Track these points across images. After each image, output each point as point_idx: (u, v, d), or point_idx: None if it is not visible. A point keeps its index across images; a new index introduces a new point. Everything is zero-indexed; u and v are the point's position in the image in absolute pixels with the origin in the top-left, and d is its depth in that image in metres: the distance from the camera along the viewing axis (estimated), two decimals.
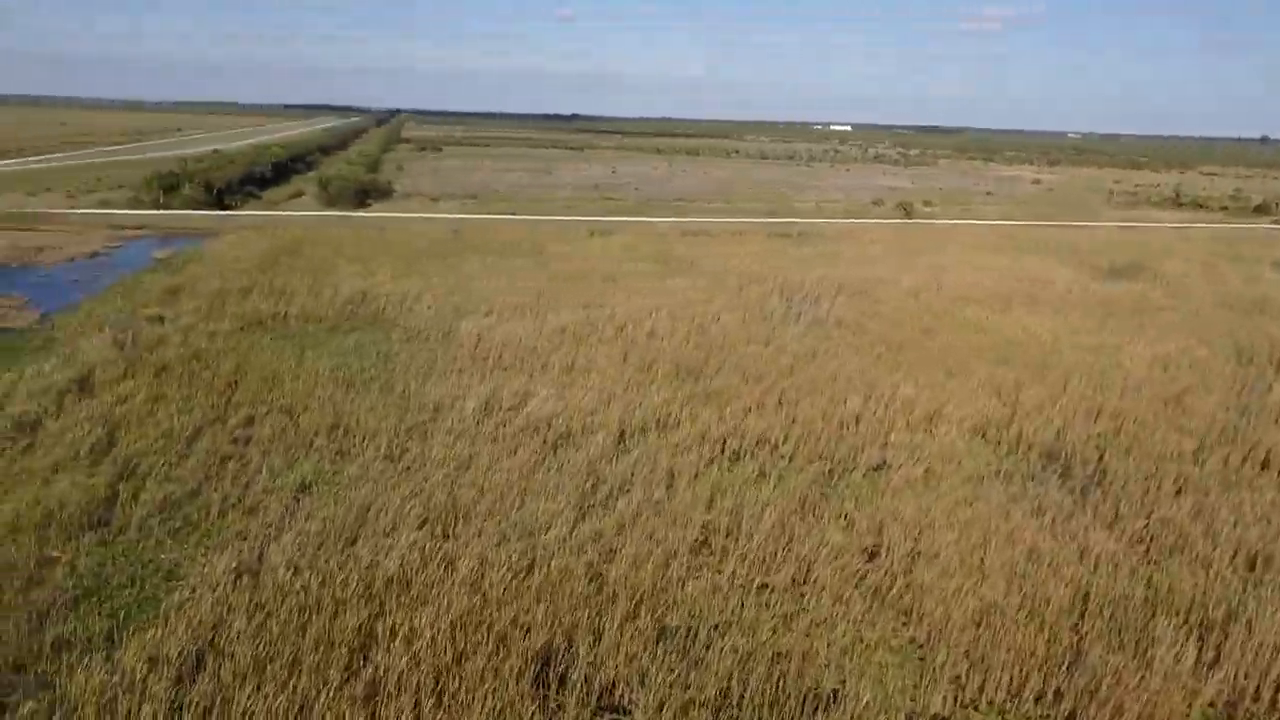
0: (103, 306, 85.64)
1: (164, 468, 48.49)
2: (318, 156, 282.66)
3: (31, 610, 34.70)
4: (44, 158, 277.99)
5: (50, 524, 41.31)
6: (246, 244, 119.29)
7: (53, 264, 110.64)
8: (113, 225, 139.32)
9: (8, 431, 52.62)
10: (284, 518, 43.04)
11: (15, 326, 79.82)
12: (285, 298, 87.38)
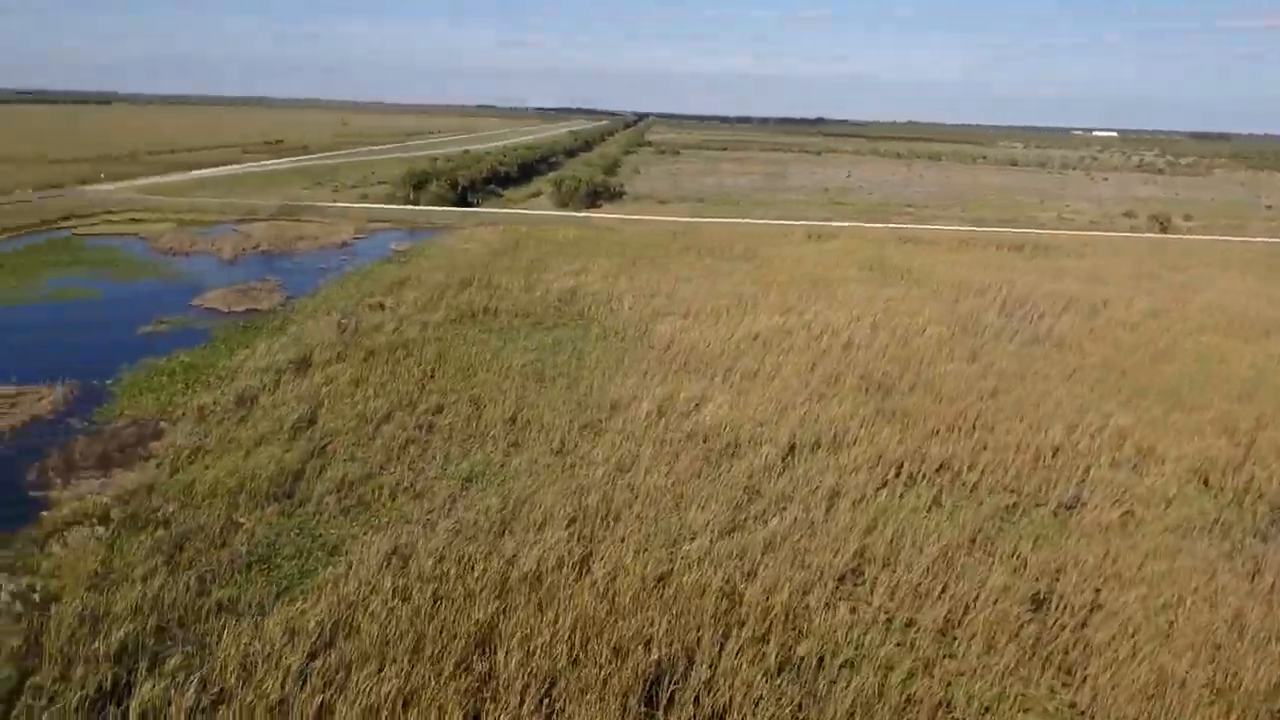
0: (338, 293, 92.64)
1: (351, 447, 51.40)
2: (562, 158, 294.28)
3: (209, 571, 37.49)
4: (324, 155, 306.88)
5: (243, 492, 44.54)
6: (476, 240, 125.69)
7: (307, 252, 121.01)
8: (366, 218, 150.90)
9: (229, 404, 57.57)
10: (447, 505, 44.40)
11: (263, 308, 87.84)
12: (499, 292, 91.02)
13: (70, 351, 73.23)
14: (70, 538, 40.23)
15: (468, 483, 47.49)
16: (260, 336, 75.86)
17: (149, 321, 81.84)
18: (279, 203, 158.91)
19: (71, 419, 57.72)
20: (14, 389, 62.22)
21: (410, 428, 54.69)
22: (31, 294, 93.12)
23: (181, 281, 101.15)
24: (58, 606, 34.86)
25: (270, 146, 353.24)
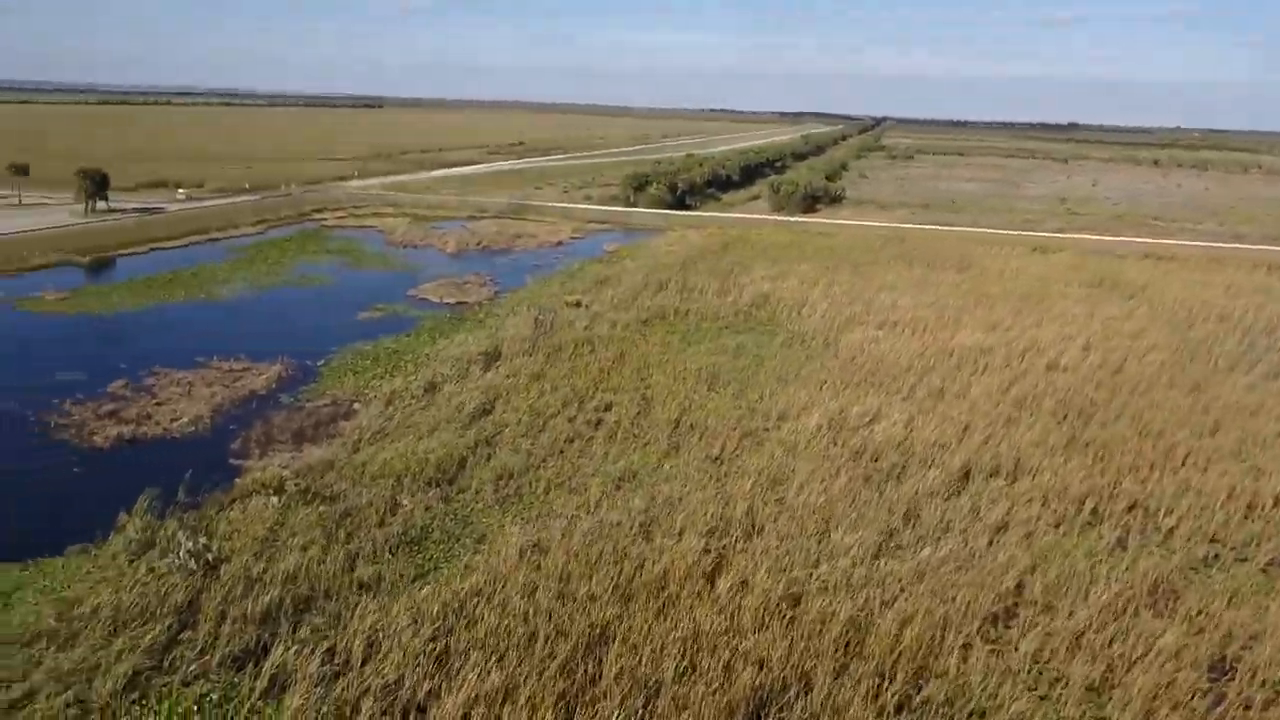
0: (542, 289, 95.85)
1: (518, 439, 52.85)
2: (789, 162, 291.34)
3: (361, 547, 39.57)
4: (562, 157, 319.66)
5: (410, 474, 46.75)
6: (683, 242, 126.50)
7: (524, 249, 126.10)
8: (583, 219, 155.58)
9: (417, 390, 60.71)
10: (596, 503, 44.71)
11: (471, 301, 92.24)
12: (693, 294, 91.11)
13: (295, 332, 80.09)
14: (250, 505, 43.78)
15: (621, 482, 47.68)
16: (461, 328, 79.82)
17: (368, 308, 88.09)
18: (507, 201, 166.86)
19: (282, 395, 63.02)
20: (242, 365, 68.72)
21: (578, 423, 55.69)
22: (280, 278, 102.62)
23: (405, 272, 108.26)
24: (225, 567, 37.96)
25: (514, 148, 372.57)
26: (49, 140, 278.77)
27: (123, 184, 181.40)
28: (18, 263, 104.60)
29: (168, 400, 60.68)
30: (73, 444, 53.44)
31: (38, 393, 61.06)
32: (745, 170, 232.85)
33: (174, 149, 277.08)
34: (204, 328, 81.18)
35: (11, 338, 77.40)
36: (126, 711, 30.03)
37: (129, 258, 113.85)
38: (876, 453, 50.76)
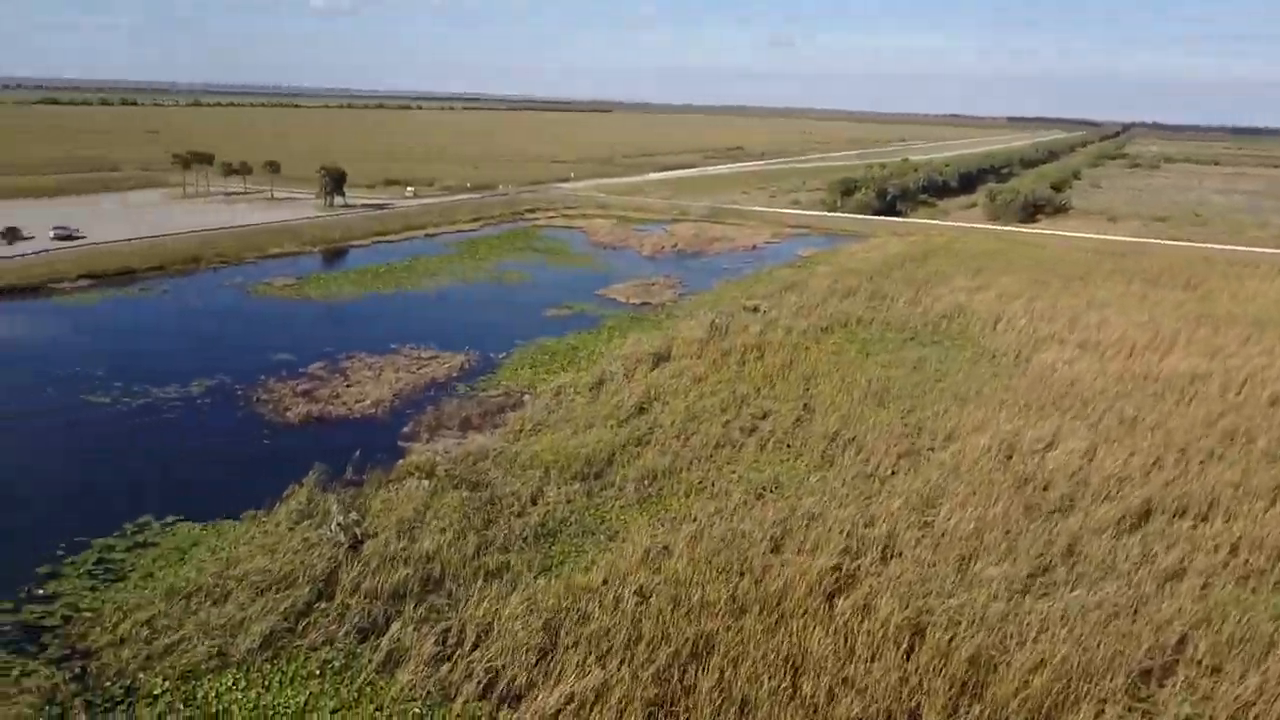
0: (725, 293, 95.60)
1: (670, 440, 52.92)
2: (1017, 169, 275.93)
3: (500, 535, 40.84)
4: (776, 161, 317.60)
5: (558, 467, 47.86)
6: (881, 249, 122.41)
7: (718, 253, 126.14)
8: (783, 223, 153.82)
9: (584, 386, 62.06)
10: (734, 510, 44.06)
11: (655, 302, 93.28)
12: (881, 303, 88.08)
13: (487, 325, 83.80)
14: (404, 486, 46.15)
15: (763, 491, 46.70)
16: (639, 328, 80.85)
17: (558, 305, 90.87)
18: (709, 205, 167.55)
19: (460, 384, 66.09)
20: (431, 353, 72.63)
21: (732, 429, 55.01)
22: (483, 274, 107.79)
23: (599, 272, 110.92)
24: (370, 543, 40.18)
25: (729, 152, 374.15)
26: (299, 140, 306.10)
27: (363, 181, 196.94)
28: (256, 251, 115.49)
29: (357, 383, 65.08)
30: (268, 418, 58.33)
31: (251, 370, 67.13)
32: (965, 177, 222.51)
33: (417, 149, 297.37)
34: (404, 317, 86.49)
35: (241, 319, 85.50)
36: (258, 668, 32.37)
37: (354, 249, 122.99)
38: (1046, 481, 47.09)
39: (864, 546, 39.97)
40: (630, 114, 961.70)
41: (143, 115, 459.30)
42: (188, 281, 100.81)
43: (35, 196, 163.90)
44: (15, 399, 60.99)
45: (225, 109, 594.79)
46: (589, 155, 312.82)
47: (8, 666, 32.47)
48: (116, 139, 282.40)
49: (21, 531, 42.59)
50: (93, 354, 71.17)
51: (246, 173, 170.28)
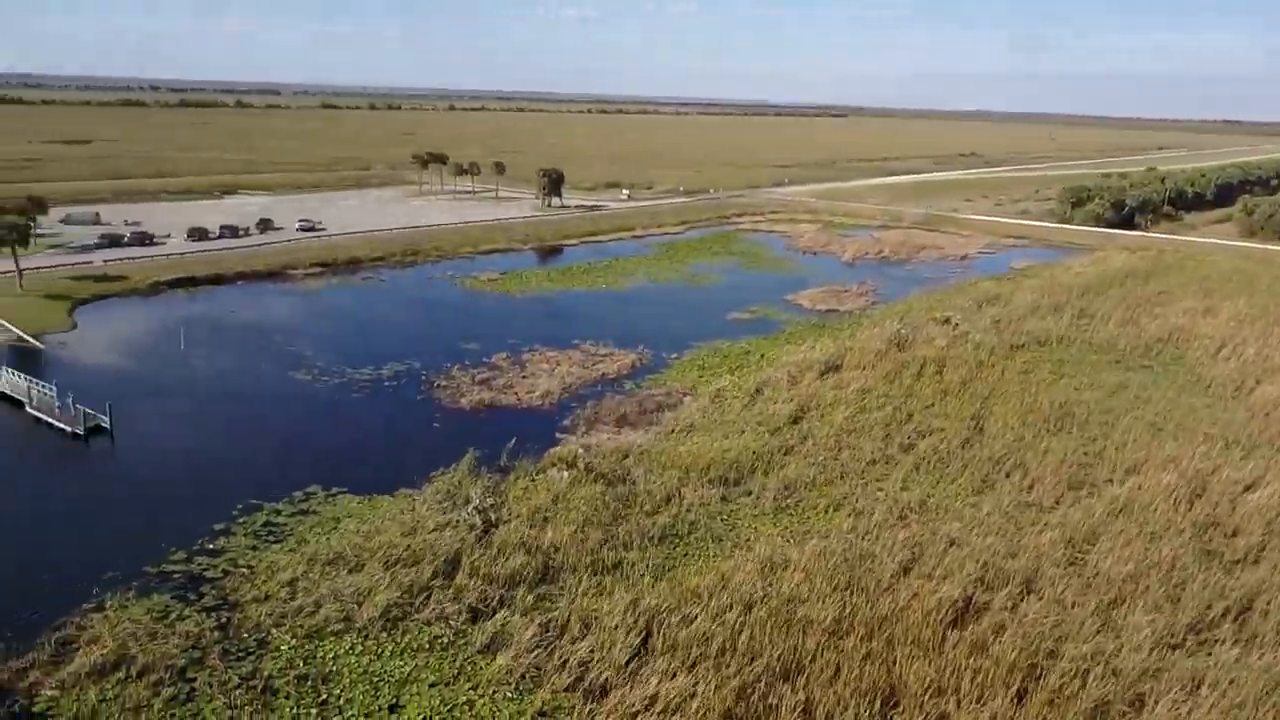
0: (919, 303, 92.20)
1: (818, 452, 51.85)
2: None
3: (626, 532, 41.45)
4: (1016, 167, 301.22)
5: (699, 470, 48.06)
6: (1101, 264, 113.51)
7: (924, 262, 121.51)
8: (1000, 233, 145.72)
9: (745, 391, 61.94)
10: (868, 530, 42.58)
11: (842, 309, 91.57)
12: (1088, 322, 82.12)
13: (667, 325, 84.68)
14: (546, 476, 47.51)
15: (907, 512, 44.53)
16: (818, 335, 79.15)
17: (741, 309, 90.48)
18: (925, 211, 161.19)
19: (628, 381, 67.20)
20: (606, 350, 74.26)
21: (890, 445, 52.78)
22: (676, 275, 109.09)
23: (792, 276, 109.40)
24: (503, 528, 41.68)
25: (963, 158, 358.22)
26: (540, 142, 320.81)
27: (586, 183, 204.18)
28: (470, 246, 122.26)
29: (532, 375, 67.57)
30: (443, 402, 61.71)
31: (441, 356, 71.26)
32: (1224, 188, 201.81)
33: (645, 153, 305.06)
34: (590, 313, 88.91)
35: (443, 309, 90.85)
36: (375, 636, 34.41)
37: (562, 248, 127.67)
38: (1235, 527, 42.17)
39: (1000, 579, 37.29)
40: (868, 119, 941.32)
41: (402, 119, 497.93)
42: (405, 273, 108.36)
43: (297, 191, 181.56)
44: (233, 372, 67.80)
45: (479, 113, 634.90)
46: (812, 160, 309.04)
47: (168, 609, 36.22)
48: (375, 140, 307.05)
49: (210, 492, 47.33)
50: (306, 334, 77.99)
51: (475, 173, 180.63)
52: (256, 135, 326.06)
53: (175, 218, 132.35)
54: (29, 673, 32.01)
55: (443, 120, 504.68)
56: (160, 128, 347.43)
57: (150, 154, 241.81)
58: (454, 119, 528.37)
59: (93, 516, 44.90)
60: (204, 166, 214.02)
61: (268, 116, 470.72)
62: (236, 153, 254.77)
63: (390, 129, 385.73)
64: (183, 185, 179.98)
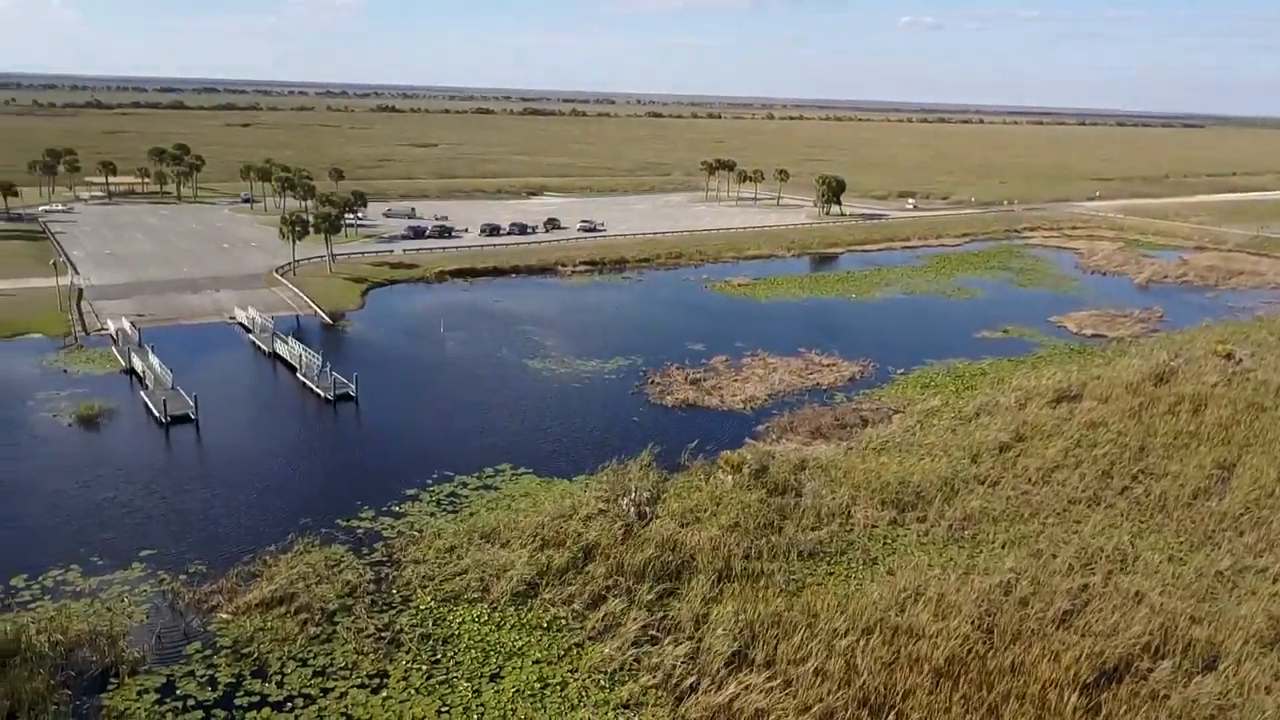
0: (1208, 334, 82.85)
1: (1017, 484, 48.56)
2: None
3: (774, 543, 41.24)
4: None
5: (871, 489, 46.77)
6: None
7: (1234, 288, 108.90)
8: None
9: (959, 413, 59.12)
10: (1037, 574, 39.38)
11: (1111, 335, 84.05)
12: None
13: (904, 338, 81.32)
14: (713, 478, 47.60)
15: (1093, 559, 40.11)
16: (1069, 361, 72.58)
17: (993, 327, 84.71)
18: (1255, 234, 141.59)
19: (840, 392, 65.37)
20: (829, 360, 72.54)
21: (1109, 487, 47.62)
22: (934, 288, 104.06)
23: (1066, 295, 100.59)
24: (654, 524, 42.43)
25: None
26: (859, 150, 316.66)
27: (879, 191, 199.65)
28: (734, 251, 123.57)
29: (744, 379, 67.59)
30: (648, 399, 63.37)
31: (664, 354, 73.17)
32: None
33: (954, 161, 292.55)
34: (827, 322, 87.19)
35: (685, 309, 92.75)
36: (502, 609, 36.46)
37: (827, 256, 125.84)
38: None
39: (1175, 647, 32.75)
40: (1229, 129, 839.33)
41: (719, 127, 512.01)
42: (664, 274, 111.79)
43: (596, 194, 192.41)
44: (475, 355, 73.51)
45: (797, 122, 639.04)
46: (1142, 173, 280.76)
47: (340, 559, 40.43)
48: (684, 147, 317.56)
49: (414, 460, 52.02)
50: (553, 326, 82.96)
51: (759, 179, 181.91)
52: (579, 140, 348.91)
53: (479, 214, 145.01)
54: (215, 597, 37.21)
55: (759, 128, 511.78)
56: (499, 132, 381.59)
57: (481, 156, 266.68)
58: (770, 127, 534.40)
59: (310, 473, 50.87)
60: (521, 169, 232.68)
61: (598, 124, 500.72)
62: (553, 156, 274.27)
63: (704, 136, 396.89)
64: (497, 186, 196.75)
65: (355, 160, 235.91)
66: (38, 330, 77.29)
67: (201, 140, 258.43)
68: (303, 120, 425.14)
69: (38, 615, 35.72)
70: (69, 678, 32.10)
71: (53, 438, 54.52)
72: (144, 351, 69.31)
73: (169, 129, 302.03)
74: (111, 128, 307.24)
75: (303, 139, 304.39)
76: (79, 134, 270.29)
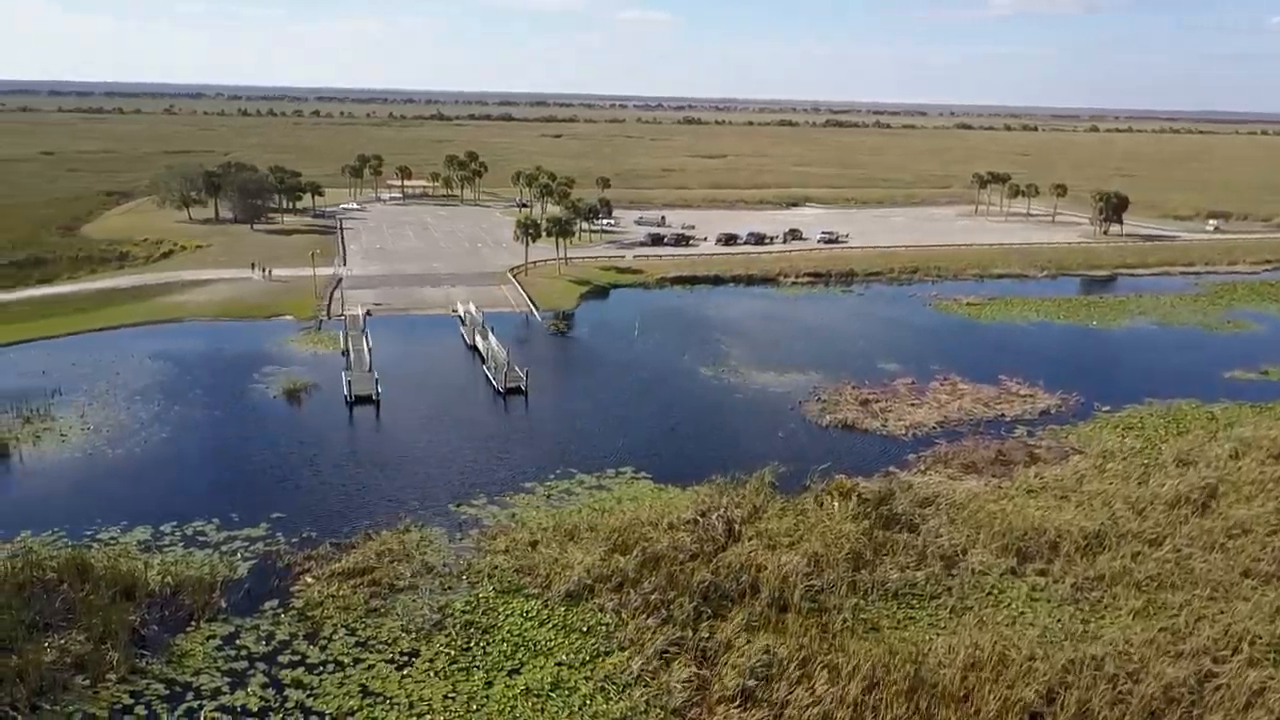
0: None
1: (1182, 544, 43.46)
2: None
3: (862, 580, 39.01)
4: None
5: (1005, 532, 43.10)
6: None
7: None
8: None
9: (1150, 461, 52.83)
10: (1164, 642, 34.44)
11: None
12: None
13: (1120, 371, 73.29)
14: (826, 504, 44.96)
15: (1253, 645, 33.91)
16: None
17: (1253, 367, 73.32)
18: None
19: (1024, 425, 59.44)
20: (1028, 391, 65.98)
21: None
22: (1198, 319, 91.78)
23: None
24: (742, 544, 40.96)
25: None
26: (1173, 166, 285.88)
27: (1185, 211, 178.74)
28: (977, 269, 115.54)
29: (922, 404, 63.20)
30: (806, 416, 60.92)
31: (848, 370, 70.16)
32: None
33: None
34: (1040, 349, 79.88)
35: (893, 325, 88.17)
36: (554, 607, 36.79)
37: (1085, 278, 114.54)
38: None
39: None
40: None
41: (1028, 140, 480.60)
42: (890, 289, 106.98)
43: (859, 206, 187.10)
44: (657, 359, 73.97)
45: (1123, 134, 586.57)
46: None
47: (432, 541, 42.51)
48: (979, 159, 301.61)
49: (550, 454, 53.58)
50: (743, 335, 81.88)
51: (1033, 194, 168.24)
52: (871, 152, 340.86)
53: (727, 224, 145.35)
54: (308, 562, 40.42)
55: (1075, 142, 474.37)
56: (792, 144, 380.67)
57: (762, 167, 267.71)
58: (1088, 140, 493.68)
59: (451, 460, 53.34)
60: (795, 179, 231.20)
61: (900, 136, 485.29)
62: (832, 168, 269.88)
63: (1008, 149, 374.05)
64: (760, 197, 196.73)
65: (640, 170, 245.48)
66: (291, 313, 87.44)
67: (512, 149, 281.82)
68: (610, 132, 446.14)
69: (165, 559, 40.63)
70: (163, 616, 36.32)
71: (257, 407, 61.57)
72: (361, 336, 76.61)
73: (487, 139, 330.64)
74: (440, 137, 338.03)
75: (602, 149, 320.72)
76: (411, 142, 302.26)
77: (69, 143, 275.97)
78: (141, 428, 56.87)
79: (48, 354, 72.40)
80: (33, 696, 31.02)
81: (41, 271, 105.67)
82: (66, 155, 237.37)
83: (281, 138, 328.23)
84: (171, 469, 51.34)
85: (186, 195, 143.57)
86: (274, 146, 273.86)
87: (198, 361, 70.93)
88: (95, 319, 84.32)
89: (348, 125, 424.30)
